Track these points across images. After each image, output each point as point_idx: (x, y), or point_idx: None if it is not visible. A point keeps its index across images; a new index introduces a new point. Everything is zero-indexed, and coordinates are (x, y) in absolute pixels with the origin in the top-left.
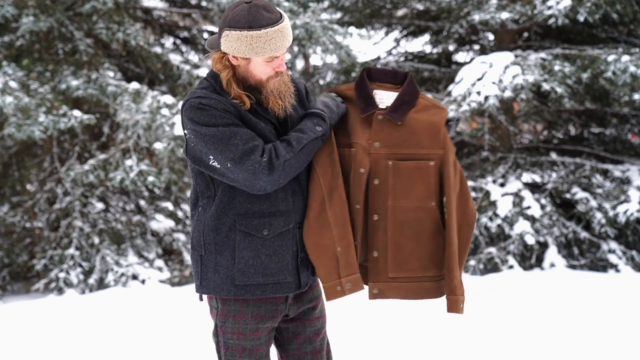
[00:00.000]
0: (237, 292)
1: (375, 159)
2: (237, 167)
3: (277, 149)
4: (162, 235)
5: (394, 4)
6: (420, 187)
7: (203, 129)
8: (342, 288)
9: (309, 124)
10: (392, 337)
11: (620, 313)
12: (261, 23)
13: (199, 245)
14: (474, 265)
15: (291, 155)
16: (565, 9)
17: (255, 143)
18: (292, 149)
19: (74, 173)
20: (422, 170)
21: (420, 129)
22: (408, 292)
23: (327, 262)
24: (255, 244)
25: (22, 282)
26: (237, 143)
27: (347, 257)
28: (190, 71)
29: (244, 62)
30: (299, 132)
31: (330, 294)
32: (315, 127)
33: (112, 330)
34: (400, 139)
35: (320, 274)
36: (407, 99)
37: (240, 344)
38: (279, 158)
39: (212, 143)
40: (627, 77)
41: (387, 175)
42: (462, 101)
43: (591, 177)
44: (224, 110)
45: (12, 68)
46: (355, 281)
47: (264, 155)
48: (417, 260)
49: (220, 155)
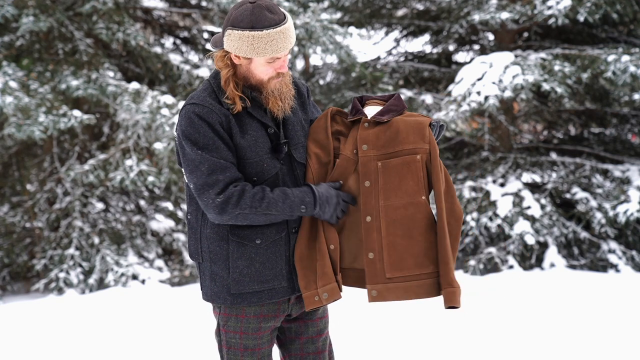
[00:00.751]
0: (233, 301)
1: (365, 162)
2: (196, 193)
3: (242, 197)
4: (162, 235)
5: (394, 4)
6: (409, 182)
7: (185, 142)
8: (320, 298)
9: (298, 198)
10: (393, 337)
11: (620, 313)
12: (263, 24)
13: (196, 253)
14: (474, 265)
15: (251, 212)
16: (565, 9)
17: (219, 177)
18: (258, 206)
19: (74, 173)
20: (409, 165)
21: (405, 128)
22: (407, 292)
23: (309, 272)
24: (248, 253)
25: (22, 282)
26: (203, 171)
27: (323, 268)
28: (190, 71)
29: (245, 62)
30: (282, 197)
31: (309, 304)
32: (299, 206)
33: (112, 330)
34: (386, 140)
35: (301, 284)
36: (393, 107)
37: (243, 343)
38: (236, 207)
39: (186, 160)
40: (627, 77)
41: (377, 177)
42: (462, 101)
43: (591, 177)
44: (214, 122)
45: (12, 68)
46: (331, 290)
47: (220, 194)
48: (412, 258)
49: (188, 175)
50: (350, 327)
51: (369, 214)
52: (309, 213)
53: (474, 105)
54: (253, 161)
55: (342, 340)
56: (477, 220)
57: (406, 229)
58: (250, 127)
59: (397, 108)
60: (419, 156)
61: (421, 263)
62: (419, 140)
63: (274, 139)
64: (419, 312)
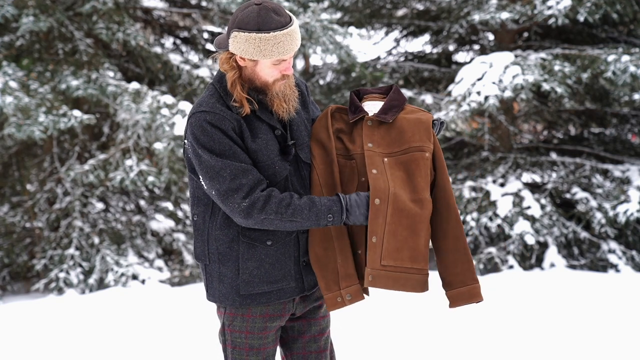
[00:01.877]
0: (242, 302)
1: (370, 155)
2: (220, 199)
3: (268, 202)
4: (162, 235)
5: (394, 4)
6: (417, 178)
7: (200, 150)
8: (343, 299)
9: (325, 207)
10: (393, 337)
11: (620, 313)
12: (270, 26)
13: (203, 255)
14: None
15: (277, 217)
16: (565, 9)
17: (243, 181)
18: (284, 212)
19: (74, 173)
20: (418, 161)
21: (410, 127)
22: (396, 282)
23: (328, 273)
24: (259, 254)
25: (22, 282)
26: (225, 177)
27: (347, 269)
28: (190, 71)
29: (251, 64)
30: (309, 205)
31: (330, 305)
32: (326, 215)
33: (112, 330)
34: (391, 140)
35: (321, 285)
36: (395, 103)
37: (248, 343)
38: (262, 212)
39: (205, 168)
40: (627, 77)
41: (384, 169)
42: (462, 101)
43: (591, 177)
44: (227, 129)
45: (12, 68)
46: (355, 292)
47: (246, 198)
48: (409, 251)
49: (208, 182)
50: (350, 327)
51: (378, 197)
52: (337, 222)
53: (474, 105)
54: (265, 164)
55: (342, 340)
56: (477, 220)
57: (411, 221)
58: (260, 130)
59: (398, 103)
60: (427, 154)
61: (415, 258)
62: (425, 139)
63: (281, 141)
64: (419, 312)
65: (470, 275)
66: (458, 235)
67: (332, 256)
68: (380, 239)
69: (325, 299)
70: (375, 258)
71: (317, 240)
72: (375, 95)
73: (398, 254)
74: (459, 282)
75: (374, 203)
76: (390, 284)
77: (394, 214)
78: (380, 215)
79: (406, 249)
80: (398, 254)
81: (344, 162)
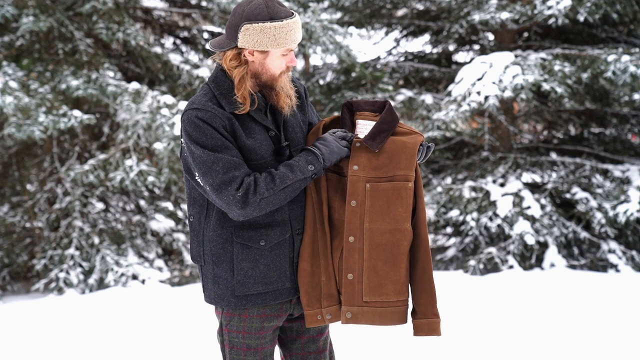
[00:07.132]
0: (237, 303)
1: (353, 181)
2: (214, 194)
3: (257, 184)
4: (162, 235)
5: (394, 4)
6: (397, 208)
7: (193, 146)
8: (323, 317)
9: (302, 161)
10: (392, 337)
11: (620, 313)
12: (280, 15)
13: (198, 256)
14: (474, 265)
15: (270, 193)
16: (565, 9)
17: (235, 174)
18: (274, 186)
19: (74, 173)
20: (400, 191)
21: (397, 152)
22: (382, 317)
23: (311, 289)
24: (253, 255)
25: (22, 282)
26: (218, 170)
27: (329, 288)
28: (190, 71)
29: (260, 57)
30: (288, 168)
31: (310, 322)
32: (306, 166)
33: (112, 330)
34: (378, 164)
35: (303, 300)
36: (385, 127)
37: (246, 343)
38: (256, 194)
39: (198, 163)
40: (627, 77)
41: (364, 198)
42: (462, 101)
43: (591, 177)
44: (218, 126)
45: (12, 68)
46: (335, 312)
47: (239, 189)
48: (393, 284)
49: (202, 177)
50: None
51: (352, 235)
52: (319, 168)
53: (474, 105)
54: (257, 163)
55: (342, 340)
56: (477, 220)
57: (390, 254)
58: (254, 130)
59: (388, 127)
60: (410, 184)
61: (399, 290)
62: (409, 167)
63: (276, 142)
64: None
65: (432, 309)
66: (425, 266)
67: (318, 273)
68: (359, 275)
69: (305, 315)
70: (354, 295)
71: (306, 256)
72: (368, 113)
73: (382, 289)
74: (420, 313)
75: (348, 240)
76: (376, 319)
77: (371, 249)
78: (356, 252)
79: (389, 283)
80: (382, 289)
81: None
